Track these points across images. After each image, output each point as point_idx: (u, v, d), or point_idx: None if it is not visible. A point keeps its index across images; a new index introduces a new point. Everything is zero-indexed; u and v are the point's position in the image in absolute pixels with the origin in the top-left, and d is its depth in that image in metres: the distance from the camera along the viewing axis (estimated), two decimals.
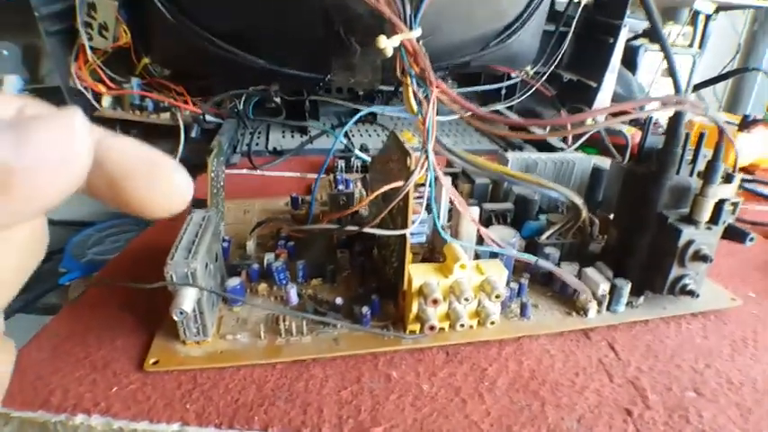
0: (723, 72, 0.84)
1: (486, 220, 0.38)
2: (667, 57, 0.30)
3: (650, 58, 0.75)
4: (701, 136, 0.33)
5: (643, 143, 0.34)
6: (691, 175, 0.32)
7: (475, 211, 0.29)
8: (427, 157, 0.24)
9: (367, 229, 0.27)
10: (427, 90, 0.26)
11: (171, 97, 0.58)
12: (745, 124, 0.60)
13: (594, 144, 0.61)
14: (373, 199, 0.26)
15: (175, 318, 0.25)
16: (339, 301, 0.29)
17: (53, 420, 0.24)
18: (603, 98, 0.61)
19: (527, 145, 0.57)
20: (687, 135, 0.31)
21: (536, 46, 0.59)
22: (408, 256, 0.27)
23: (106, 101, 0.60)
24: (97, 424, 0.24)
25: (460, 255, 0.27)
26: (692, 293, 0.32)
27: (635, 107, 0.30)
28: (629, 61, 0.74)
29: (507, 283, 0.31)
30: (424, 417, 0.24)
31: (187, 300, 0.26)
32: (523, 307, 0.30)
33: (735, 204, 0.31)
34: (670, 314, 0.33)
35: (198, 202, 0.34)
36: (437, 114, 0.27)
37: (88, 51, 0.58)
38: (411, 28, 0.28)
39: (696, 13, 0.84)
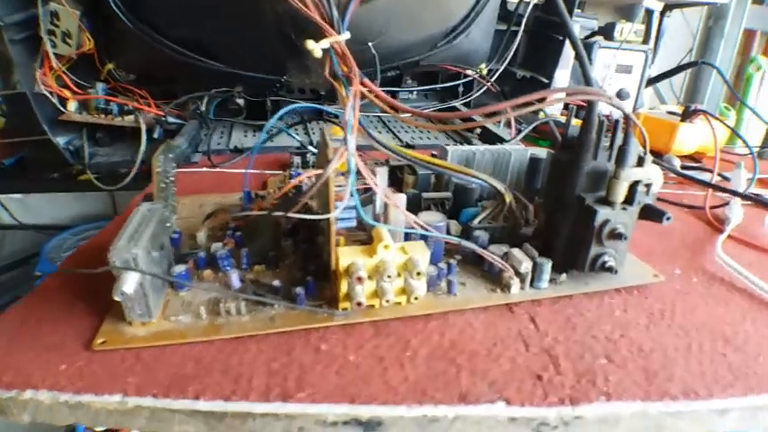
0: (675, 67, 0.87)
1: (425, 208, 0.40)
2: (576, 50, 0.33)
3: (604, 55, 0.78)
4: (616, 123, 0.35)
5: (566, 132, 0.36)
6: (609, 160, 0.35)
7: (401, 198, 0.31)
8: (347, 148, 0.26)
9: (291, 215, 0.29)
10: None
11: (134, 100, 0.60)
12: (687, 114, 0.63)
13: (546, 137, 0.64)
14: (291, 188, 0.28)
15: (117, 298, 0.27)
16: (277, 283, 0.31)
17: (4, 397, 0.26)
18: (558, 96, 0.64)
19: (476, 140, 0.59)
20: (602, 123, 0.33)
21: (488, 45, 0.61)
22: (334, 239, 0.29)
23: (72, 105, 0.62)
24: (45, 398, 0.25)
25: (385, 237, 0.29)
26: (611, 270, 0.34)
27: (548, 96, 0.32)
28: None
29: (437, 263, 0.33)
30: (347, 383, 0.26)
31: (128, 282, 0.28)
32: (450, 284, 0.32)
33: (648, 186, 0.34)
34: (593, 290, 0.36)
35: (149, 197, 0.36)
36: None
37: (52, 58, 0.59)
38: (339, 32, 0.30)
39: (650, 11, 0.87)
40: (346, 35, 0.29)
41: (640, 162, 0.33)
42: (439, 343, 0.30)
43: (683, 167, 0.63)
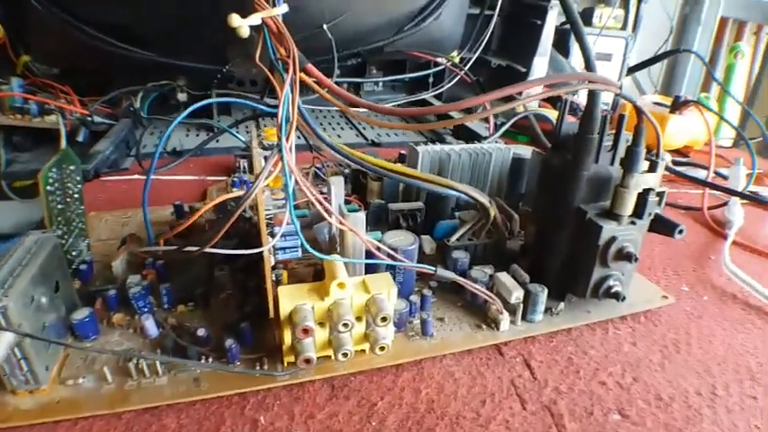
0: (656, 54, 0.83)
1: (393, 221, 0.33)
2: (577, 33, 0.26)
3: None
4: (621, 118, 0.29)
5: (559, 128, 0.30)
6: (612, 163, 0.29)
7: (359, 219, 0.24)
8: (281, 157, 0.20)
9: (210, 250, 0.22)
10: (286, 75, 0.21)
11: (56, 98, 0.51)
12: (677, 105, 0.58)
13: (525, 132, 0.58)
14: (210, 209, 0.21)
15: None
16: (202, 332, 0.24)
17: None
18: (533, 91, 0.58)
19: (450, 137, 0.53)
20: (605, 118, 0.27)
21: (459, 30, 0.55)
22: (270, 279, 0.22)
23: None
24: None
25: (339, 272, 0.22)
26: (617, 296, 0.29)
27: (530, 87, 0.26)
28: (562, 45, 0.72)
29: (407, 296, 0.27)
30: None
31: None
32: (424, 323, 0.26)
33: (660, 195, 0.28)
34: (595, 319, 0.30)
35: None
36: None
37: None
38: (274, 4, 0.23)
39: None
40: (283, 8, 0.22)
41: (652, 166, 0.27)
42: (413, 404, 0.23)
43: (674, 163, 0.58)
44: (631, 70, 0.80)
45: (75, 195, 0.30)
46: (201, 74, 0.51)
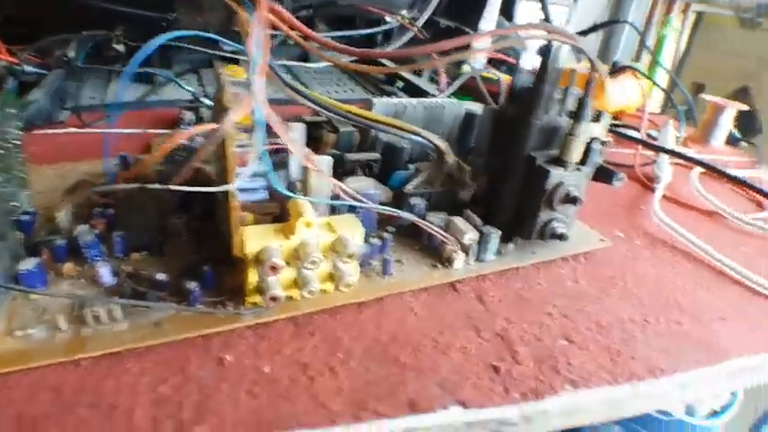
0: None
1: (350, 171, 0.34)
2: None
3: (526, 8, 0.74)
4: (573, 72, 0.31)
5: (514, 83, 0.31)
6: (560, 115, 0.30)
7: (325, 160, 0.24)
8: (251, 93, 0.19)
9: (175, 187, 0.21)
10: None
11: None
12: (614, 71, 0.61)
13: (470, 92, 0.59)
14: (175, 148, 0.21)
15: None
16: (162, 276, 0.24)
17: None
18: (481, 46, 0.59)
19: (400, 92, 0.53)
20: (557, 71, 0.29)
21: None
22: (236, 217, 0.22)
23: None
24: None
25: (306, 211, 0.23)
26: (561, 237, 0.31)
27: (498, 35, 0.27)
28: (508, 13, 0.73)
29: (368, 239, 0.27)
30: (262, 405, 0.20)
31: None
32: (385, 263, 0.27)
33: (604, 143, 0.30)
34: (541, 259, 0.32)
35: None
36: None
37: None
38: None
39: None
40: None
41: (597, 117, 0.29)
42: (376, 337, 0.24)
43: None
44: None
45: (16, 141, 0.28)
46: (142, 22, 0.48)
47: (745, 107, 0.65)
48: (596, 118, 0.29)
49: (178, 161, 0.32)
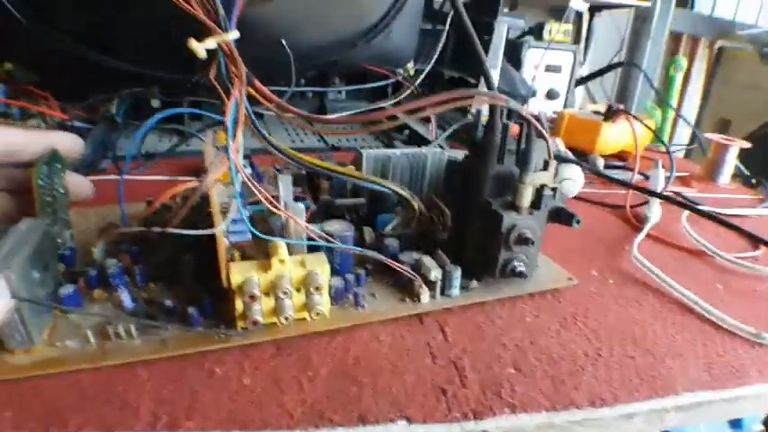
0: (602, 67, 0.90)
1: (338, 215, 0.38)
2: (476, 53, 0.32)
3: (534, 54, 0.79)
4: (521, 126, 0.35)
5: (474, 135, 0.36)
6: (517, 164, 0.34)
7: (298, 208, 0.29)
8: (228, 157, 0.25)
9: (171, 230, 0.27)
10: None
11: (37, 103, 0.55)
12: (610, 114, 0.64)
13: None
14: (169, 200, 0.26)
15: None
16: (169, 303, 0.29)
17: None
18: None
19: (399, 142, 0.58)
20: (505, 126, 0.33)
21: (412, 44, 0.60)
22: (224, 254, 0.27)
23: None
24: None
25: (280, 250, 0.27)
26: (521, 275, 0.34)
27: (447, 99, 0.31)
28: (514, 58, 0.78)
29: (345, 274, 0.32)
30: (238, 408, 0.25)
31: None
32: (356, 296, 0.31)
33: (554, 189, 0.34)
34: (506, 295, 0.35)
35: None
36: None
37: None
38: (226, 30, 0.28)
39: (579, 13, 0.89)
40: (234, 34, 0.27)
41: (545, 165, 0.33)
42: (342, 360, 0.28)
43: (608, 167, 0.65)
44: (580, 82, 0.87)
45: (61, 190, 0.34)
46: (172, 82, 0.56)
47: (747, 145, 0.67)
48: (544, 166, 0.33)
49: (194, 207, 0.38)
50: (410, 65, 0.64)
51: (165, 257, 0.34)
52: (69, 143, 0.34)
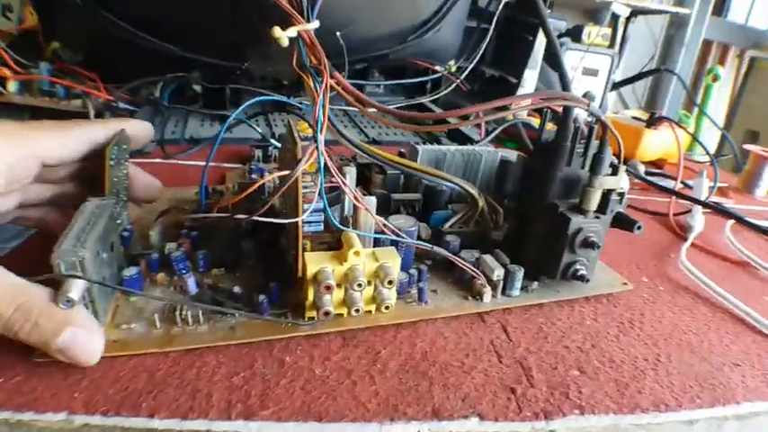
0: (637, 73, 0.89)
1: (394, 210, 0.38)
2: (555, 55, 0.32)
3: (571, 57, 0.78)
4: (591, 130, 0.35)
5: (540, 137, 0.35)
6: (583, 167, 0.34)
7: (371, 201, 0.29)
8: (317, 147, 0.25)
9: (256, 218, 0.27)
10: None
11: (82, 83, 0.56)
12: (652, 121, 0.64)
13: (513, 138, 0.63)
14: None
15: (62, 306, 0.25)
16: (237, 289, 0.29)
17: None
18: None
19: (445, 138, 0.58)
20: (577, 129, 0.33)
21: (457, 42, 0.60)
22: (301, 244, 0.27)
23: (12, 86, 0.57)
24: None
25: (355, 242, 0.27)
26: (582, 278, 0.34)
27: (518, 102, 0.31)
28: (552, 60, 0.77)
29: (407, 270, 0.32)
30: (313, 399, 0.25)
31: (74, 288, 0.25)
32: (420, 292, 0.31)
33: (621, 194, 0.34)
34: (564, 298, 0.35)
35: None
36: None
37: None
38: (308, 20, 0.28)
39: (616, 16, 0.88)
40: (315, 24, 0.27)
41: (614, 170, 0.33)
42: (410, 354, 0.28)
43: (647, 173, 0.64)
44: (616, 86, 0.86)
45: (125, 171, 0.34)
46: (216, 69, 0.56)
47: None
48: (613, 171, 0.32)
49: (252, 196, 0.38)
50: (452, 61, 0.64)
51: (226, 243, 0.34)
52: (141, 129, 0.34)
